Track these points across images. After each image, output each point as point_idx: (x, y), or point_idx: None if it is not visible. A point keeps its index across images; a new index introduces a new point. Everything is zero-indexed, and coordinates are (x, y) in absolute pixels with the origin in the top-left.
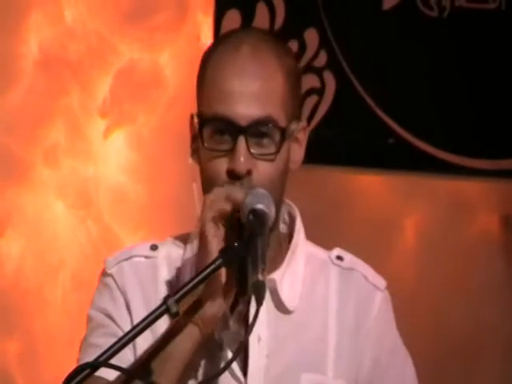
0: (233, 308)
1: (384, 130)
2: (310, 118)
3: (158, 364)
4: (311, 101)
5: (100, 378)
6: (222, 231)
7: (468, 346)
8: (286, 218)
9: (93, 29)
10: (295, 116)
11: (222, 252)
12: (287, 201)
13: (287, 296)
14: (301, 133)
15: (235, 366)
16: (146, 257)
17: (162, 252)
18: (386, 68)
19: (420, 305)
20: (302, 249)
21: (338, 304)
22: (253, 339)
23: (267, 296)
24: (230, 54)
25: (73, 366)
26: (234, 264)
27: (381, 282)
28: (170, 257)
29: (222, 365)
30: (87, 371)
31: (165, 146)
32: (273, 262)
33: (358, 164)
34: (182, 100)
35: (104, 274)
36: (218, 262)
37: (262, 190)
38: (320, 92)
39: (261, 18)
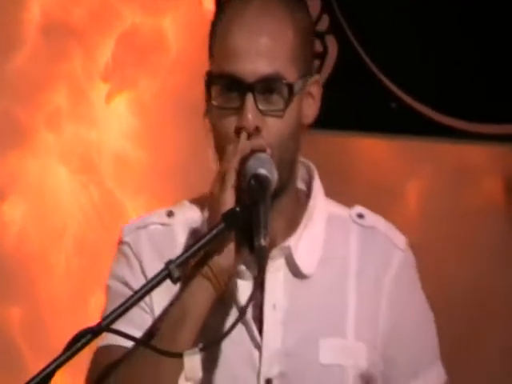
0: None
1: (386, 94)
2: None
3: (175, 322)
4: None
5: (119, 346)
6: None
7: (473, 313)
8: (306, 176)
9: None
10: (307, 71)
11: (224, 216)
12: (304, 159)
13: (304, 261)
14: (314, 87)
15: (256, 332)
16: (163, 224)
17: (178, 218)
18: (389, 32)
19: (423, 270)
20: (322, 209)
21: (358, 265)
22: (268, 306)
23: (283, 263)
24: (238, 10)
25: (77, 330)
26: (236, 228)
27: (400, 240)
28: (187, 221)
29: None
30: (89, 336)
31: (167, 111)
32: (289, 226)
33: (360, 129)
34: (184, 64)
35: (120, 242)
36: (220, 227)
37: (263, 155)
38: (322, 56)
39: None
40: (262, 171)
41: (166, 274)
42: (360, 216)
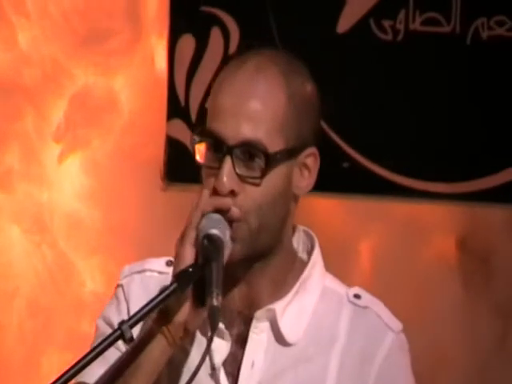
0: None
1: (338, 153)
2: None
3: (128, 374)
4: None
5: None
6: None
7: (425, 370)
8: (310, 247)
9: (47, 53)
10: (300, 141)
11: (177, 277)
12: (308, 230)
13: (289, 329)
14: (309, 158)
15: None
16: (160, 272)
17: None
18: (340, 91)
19: None
20: (318, 282)
21: (344, 343)
22: (246, 364)
23: (267, 326)
24: (232, 72)
25: None
26: (188, 288)
27: (395, 324)
28: None
29: None
30: None
31: (120, 171)
32: (277, 290)
33: (313, 188)
34: (136, 124)
35: (117, 284)
36: (171, 288)
37: (216, 215)
38: None
39: (215, 43)
40: (214, 231)
41: (118, 334)
42: (356, 296)
